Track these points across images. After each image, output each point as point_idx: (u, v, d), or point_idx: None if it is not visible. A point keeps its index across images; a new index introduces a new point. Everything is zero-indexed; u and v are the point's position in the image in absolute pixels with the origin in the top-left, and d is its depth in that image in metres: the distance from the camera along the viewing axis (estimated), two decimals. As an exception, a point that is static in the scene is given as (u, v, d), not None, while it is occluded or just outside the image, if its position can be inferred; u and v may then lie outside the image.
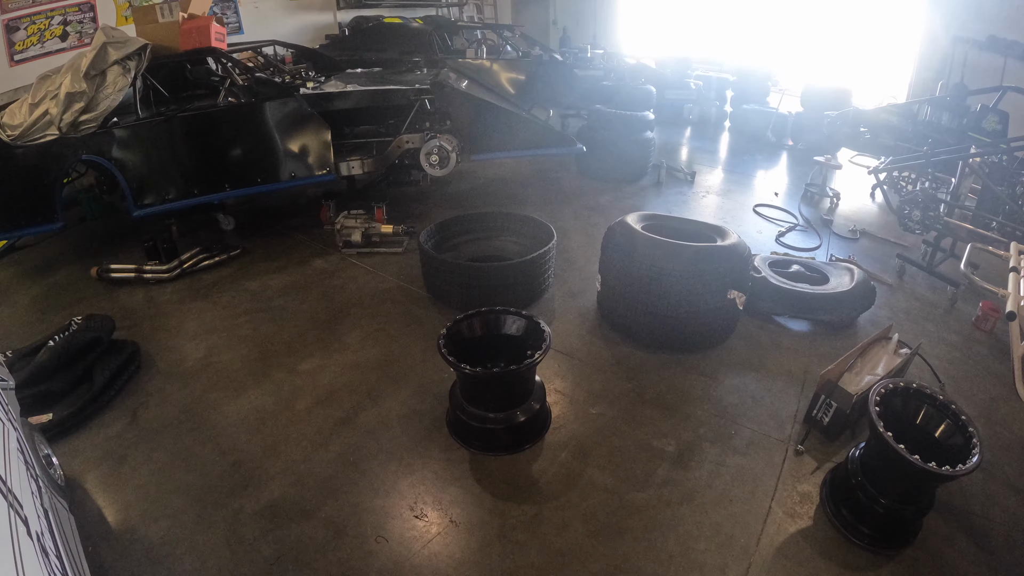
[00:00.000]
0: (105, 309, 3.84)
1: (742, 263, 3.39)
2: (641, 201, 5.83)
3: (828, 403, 2.82)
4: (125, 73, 4.24)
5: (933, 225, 4.28)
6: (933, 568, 2.26)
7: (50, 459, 2.48)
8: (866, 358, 3.07)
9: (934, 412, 2.37)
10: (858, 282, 3.76)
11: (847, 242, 5.03)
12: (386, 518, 2.48)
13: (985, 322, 3.76)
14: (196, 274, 4.45)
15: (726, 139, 8.24)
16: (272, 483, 2.65)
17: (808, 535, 2.39)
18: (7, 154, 4.06)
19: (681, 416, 3.03)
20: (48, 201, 4.22)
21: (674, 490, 2.60)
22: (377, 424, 2.99)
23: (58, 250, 4.91)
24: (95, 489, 2.62)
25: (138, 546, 2.35)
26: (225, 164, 4.70)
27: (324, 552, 2.33)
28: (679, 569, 2.26)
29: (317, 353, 3.54)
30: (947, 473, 2.04)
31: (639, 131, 6.16)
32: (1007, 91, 5.06)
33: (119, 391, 3.18)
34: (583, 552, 2.32)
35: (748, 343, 3.62)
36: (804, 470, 2.71)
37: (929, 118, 5.71)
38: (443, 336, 2.78)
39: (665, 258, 3.27)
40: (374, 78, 5.54)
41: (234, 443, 2.88)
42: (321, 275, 4.46)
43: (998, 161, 4.14)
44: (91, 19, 5.70)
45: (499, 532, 2.41)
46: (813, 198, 5.78)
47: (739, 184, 6.46)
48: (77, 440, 2.89)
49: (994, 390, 3.25)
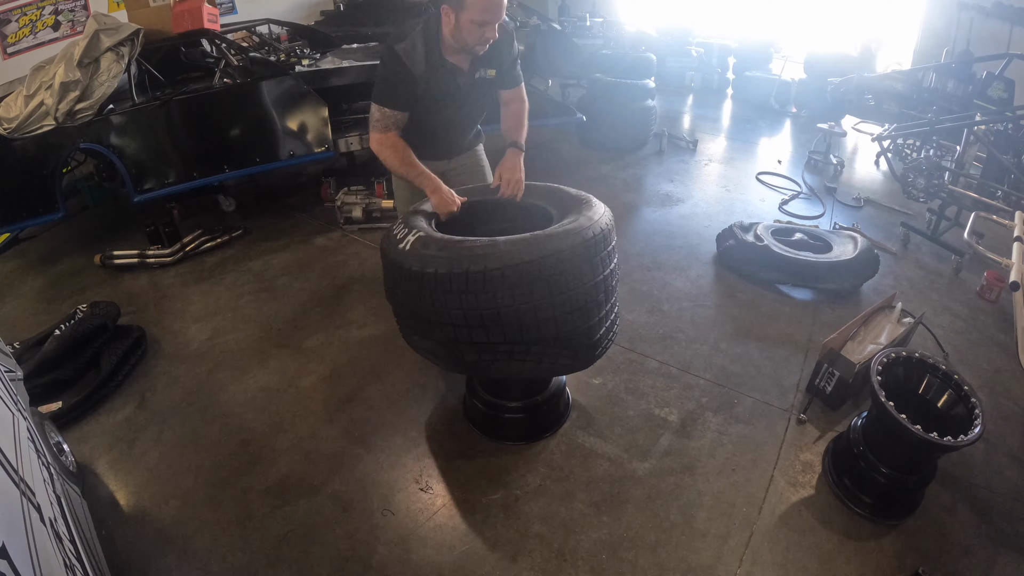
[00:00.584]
0: (110, 295, 3.86)
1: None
2: (643, 170, 5.79)
3: (831, 372, 2.83)
4: (119, 59, 4.20)
5: (937, 193, 4.23)
6: (934, 538, 2.29)
7: (61, 446, 2.51)
8: (869, 327, 3.07)
9: (937, 382, 2.37)
10: (862, 250, 3.74)
11: (851, 210, 4.99)
12: (392, 492, 2.53)
13: (989, 292, 3.74)
14: (199, 256, 4.46)
15: (729, 107, 8.13)
16: (280, 460, 2.69)
17: (810, 504, 2.42)
18: (5, 147, 4.05)
19: (683, 386, 3.05)
20: (48, 191, 4.21)
21: (676, 459, 2.63)
22: (382, 399, 3.03)
23: (61, 239, 4.92)
24: (106, 474, 2.67)
25: (150, 527, 2.40)
26: (223, 145, 4.68)
27: (332, 527, 2.37)
28: (682, 538, 2.29)
29: (321, 330, 3.57)
30: (949, 443, 2.05)
31: (640, 100, 6.07)
32: (1013, 58, 4.96)
33: (126, 376, 3.21)
34: (586, 522, 2.36)
35: (750, 312, 3.62)
36: (806, 439, 2.73)
37: (934, 85, 5.61)
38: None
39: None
40: (371, 53, 5.47)
41: (241, 422, 2.92)
42: (323, 252, 4.46)
43: (1003, 129, 4.07)
44: (82, 7, 5.61)
45: (503, 503, 2.45)
46: (817, 166, 5.72)
47: (742, 152, 6.39)
48: (87, 426, 2.93)
49: (998, 360, 3.24)
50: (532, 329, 2.09)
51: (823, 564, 2.19)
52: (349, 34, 6.41)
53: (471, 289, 2.01)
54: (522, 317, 2.04)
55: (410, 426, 2.84)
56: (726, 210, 4.94)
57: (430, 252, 2.07)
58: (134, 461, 2.73)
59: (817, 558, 2.21)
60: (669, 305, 3.71)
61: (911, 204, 4.79)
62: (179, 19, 4.61)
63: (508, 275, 1.98)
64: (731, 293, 3.82)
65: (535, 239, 2.04)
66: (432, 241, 2.11)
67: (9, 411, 1.80)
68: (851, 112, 6.50)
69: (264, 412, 2.98)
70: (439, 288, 2.04)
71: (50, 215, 4.30)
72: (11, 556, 1.13)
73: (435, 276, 2.03)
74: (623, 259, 4.16)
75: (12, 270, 4.54)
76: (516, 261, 1.98)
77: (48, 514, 1.56)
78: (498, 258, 1.97)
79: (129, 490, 2.59)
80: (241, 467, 2.67)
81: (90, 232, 5.00)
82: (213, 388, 3.16)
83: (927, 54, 6.85)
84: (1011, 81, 4.99)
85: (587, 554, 2.24)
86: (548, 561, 2.22)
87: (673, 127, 6.84)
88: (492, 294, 2.00)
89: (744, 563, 2.20)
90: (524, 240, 2.03)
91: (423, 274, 2.05)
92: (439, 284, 2.03)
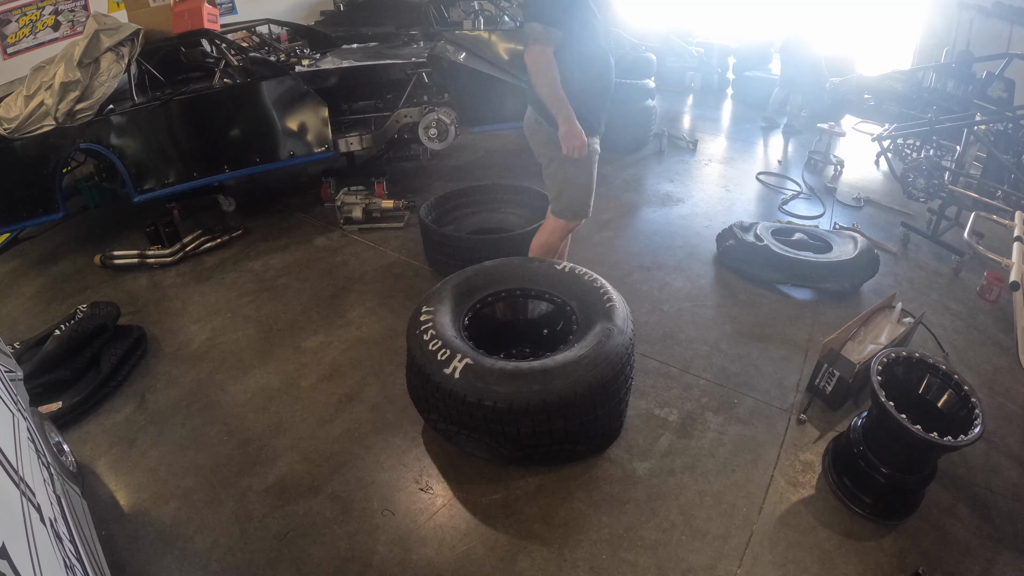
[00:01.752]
0: (110, 296, 3.87)
1: None
2: (643, 170, 5.79)
3: (831, 372, 2.83)
4: (119, 59, 4.20)
5: (937, 193, 4.23)
6: (934, 538, 2.29)
7: (61, 446, 2.51)
8: (869, 327, 3.07)
9: (937, 382, 2.37)
10: (862, 250, 3.74)
11: (851, 210, 4.98)
12: (392, 492, 2.53)
13: (989, 292, 3.74)
14: (199, 256, 4.46)
15: (729, 106, 8.12)
16: (279, 461, 2.69)
17: (810, 504, 2.42)
18: (5, 147, 4.05)
19: (683, 386, 3.05)
20: (48, 192, 4.22)
21: (676, 459, 2.63)
22: (382, 399, 3.03)
23: (61, 240, 4.93)
24: (106, 474, 2.67)
25: (150, 528, 2.41)
26: (223, 145, 4.68)
27: (332, 527, 2.37)
28: (682, 538, 2.29)
29: (321, 330, 3.57)
30: (949, 443, 2.05)
31: (640, 100, 6.06)
32: (1013, 58, 4.96)
33: (126, 376, 3.22)
34: (586, 522, 2.36)
35: (750, 312, 3.62)
36: (806, 439, 2.72)
37: (934, 85, 5.62)
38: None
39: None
40: (370, 53, 5.48)
41: (241, 422, 2.92)
42: (323, 252, 4.46)
43: (1003, 129, 4.07)
44: (82, 7, 5.61)
45: (503, 503, 2.44)
46: (817, 166, 5.71)
47: (742, 152, 6.39)
48: (87, 426, 2.93)
49: (998, 360, 3.24)
50: (576, 432, 2.41)
51: (823, 564, 2.19)
52: (349, 34, 6.42)
53: (528, 415, 2.27)
54: (569, 426, 2.36)
55: (410, 426, 2.84)
56: (726, 210, 4.94)
57: (483, 385, 2.27)
58: (134, 461, 2.73)
59: (817, 558, 2.21)
60: (669, 305, 3.71)
61: (911, 204, 4.78)
62: (179, 19, 4.62)
63: (562, 401, 2.27)
64: (731, 293, 3.82)
65: (580, 362, 2.32)
66: (484, 371, 2.30)
67: (9, 411, 1.80)
68: (851, 112, 6.50)
69: (264, 412, 2.98)
70: (494, 415, 2.28)
71: (50, 215, 4.31)
72: (11, 556, 1.13)
73: (493, 409, 2.26)
74: (623, 259, 4.20)
75: (12, 270, 4.54)
76: (567, 391, 2.26)
77: (48, 514, 1.55)
78: (552, 391, 2.25)
79: (129, 490, 2.59)
80: (241, 467, 2.67)
81: (90, 232, 5.01)
82: (213, 388, 3.16)
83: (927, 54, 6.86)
84: (1011, 81, 5.00)
85: (587, 554, 2.24)
86: (548, 561, 2.22)
87: (673, 127, 6.83)
88: (547, 415, 2.29)
89: (744, 563, 2.20)
90: (573, 362, 2.32)
91: (480, 405, 2.27)
92: (496, 414, 2.27)
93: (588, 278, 2.78)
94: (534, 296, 2.89)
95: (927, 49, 6.90)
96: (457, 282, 2.87)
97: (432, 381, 2.36)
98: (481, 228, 4.28)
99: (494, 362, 2.35)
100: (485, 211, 4.44)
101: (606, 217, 4.80)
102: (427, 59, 4.93)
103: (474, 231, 4.21)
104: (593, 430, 2.47)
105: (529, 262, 2.98)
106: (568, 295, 2.78)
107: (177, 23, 4.63)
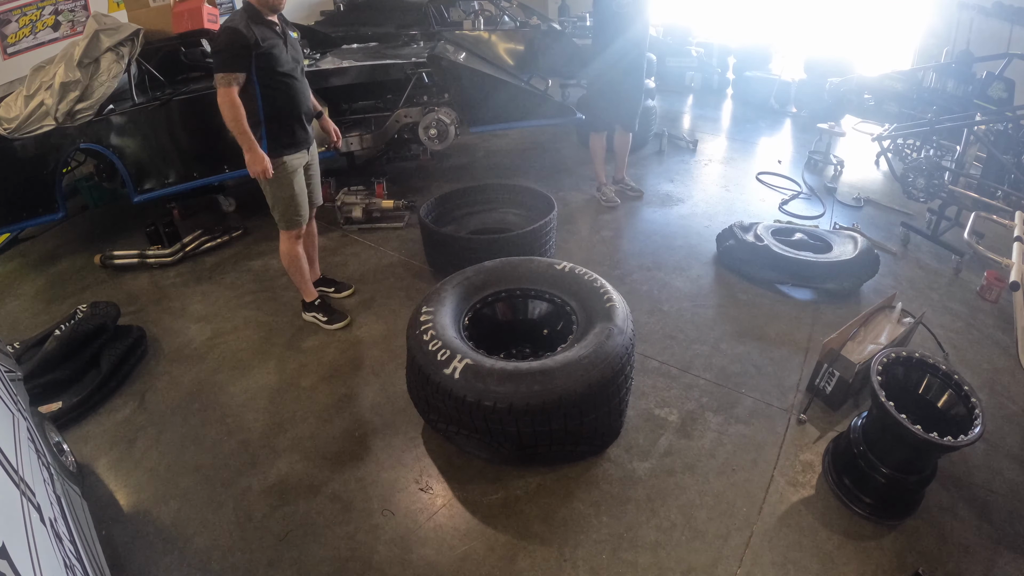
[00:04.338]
0: (110, 296, 3.87)
1: None
2: (643, 170, 5.78)
3: (831, 372, 2.83)
4: (119, 59, 4.20)
5: (937, 193, 4.23)
6: (934, 538, 2.28)
7: (61, 446, 2.51)
8: (869, 327, 3.07)
9: (937, 382, 2.37)
10: (862, 250, 3.74)
11: (851, 210, 4.98)
12: (392, 492, 2.53)
13: (990, 292, 3.74)
14: (199, 257, 4.47)
15: (729, 107, 8.12)
16: (279, 461, 2.69)
17: (810, 504, 2.42)
18: (5, 147, 4.05)
19: (683, 386, 3.05)
20: (48, 192, 4.22)
21: (676, 459, 2.63)
22: (382, 399, 3.03)
23: (61, 240, 4.93)
24: (106, 474, 2.67)
25: (150, 528, 2.41)
26: (223, 145, 4.65)
27: (332, 527, 2.37)
28: (682, 538, 2.29)
29: (321, 330, 3.57)
30: (949, 444, 2.05)
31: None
32: (1013, 58, 4.95)
33: (126, 376, 3.22)
34: (586, 522, 2.36)
35: (750, 312, 3.61)
36: (806, 439, 2.72)
37: (934, 85, 5.60)
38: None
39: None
40: (371, 53, 5.48)
41: (241, 422, 2.92)
42: (323, 252, 4.44)
43: (1003, 129, 4.07)
44: (82, 7, 5.61)
45: (503, 503, 2.44)
46: (817, 166, 5.71)
47: (742, 152, 6.39)
48: (87, 426, 2.93)
49: (998, 360, 3.24)
50: (576, 432, 2.41)
51: (823, 564, 2.19)
52: (349, 34, 6.42)
53: (528, 415, 2.27)
54: (569, 426, 2.35)
55: (410, 426, 2.84)
56: (726, 210, 4.94)
57: (483, 386, 2.27)
58: (134, 461, 2.73)
59: (817, 558, 2.21)
60: (669, 305, 3.71)
61: (911, 204, 4.78)
62: (179, 19, 4.62)
63: (562, 401, 2.26)
64: (731, 293, 3.82)
65: (581, 362, 2.32)
66: (484, 372, 2.30)
67: (9, 411, 1.80)
68: (851, 112, 6.49)
69: (264, 412, 2.98)
70: (494, 415, 2.28)
71: (50, 215, 4.31)
72: (11, 556, 1.13)
73: (493, 409, 2.26)
74: (623, 259, 4.20)
75: (12, 270, 4.54)
76: (567, 391, 2.26)
77: (48, 514, 1.56)
78: (552, 391, 2.25)
79: (129, 490, 2.59)
80: (241, 467, 2.67)
81: (90, 232, 5.01)
82: (213, 388, 3.16)
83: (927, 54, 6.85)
84: (1011, 81, 4.99)
85: (587, 554, 2.24)
86: (548, 561, 2.22)
87: (673, 127, 6.84)
88: (547, 415, 2.29)
89: (744, 563, 2.20)
90: (574, 362, 2.32)
91: (480, 405, 2.27)
92: (496, 414, 2.27)
93: (588, 278, 2.79)
94: (534, 296, 2.90)
95: (927, 49, 6.89)
96: (457, 282, 2.87)
97: (432, 381, 2.37)
98: (481, 228, 4.28)
99: (494, 362, 2.35)
100: (485, 211, 4.44)
101: (606, 217, 4.81)
102: (427, 59, 4.93)
103: (474, 231, 4.21)
104: (593, 430, 2.47)
105: (529, 262, 3.00)
106: (568, 295, 2.79)
107: (177, 23, 4.63)
